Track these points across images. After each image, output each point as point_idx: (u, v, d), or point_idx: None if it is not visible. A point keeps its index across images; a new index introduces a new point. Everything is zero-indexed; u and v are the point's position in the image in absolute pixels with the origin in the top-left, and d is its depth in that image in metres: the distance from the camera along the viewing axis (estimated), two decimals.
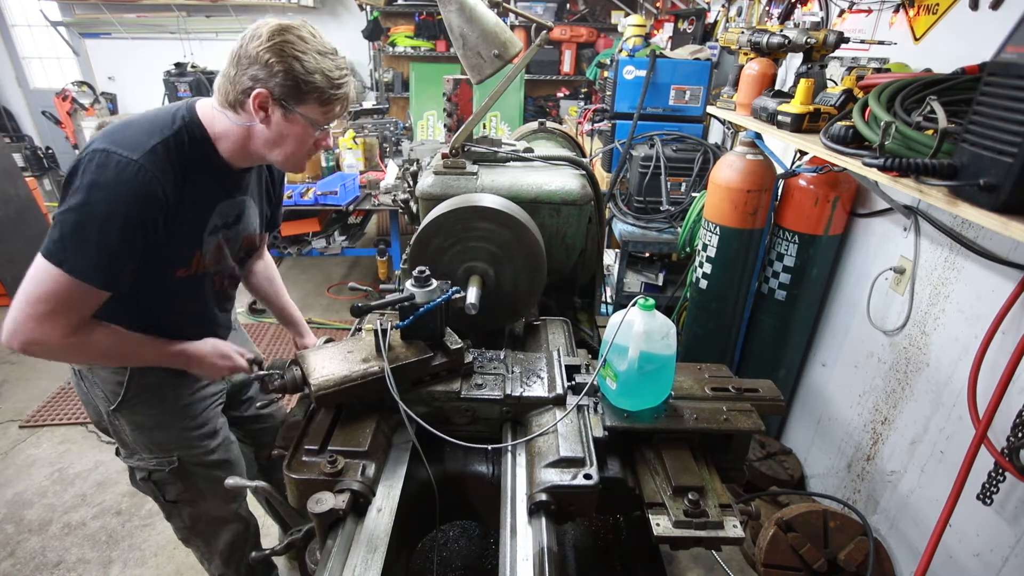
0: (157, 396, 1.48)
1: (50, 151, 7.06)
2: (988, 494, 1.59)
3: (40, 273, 1.14)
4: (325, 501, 0.91)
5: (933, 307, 1.93)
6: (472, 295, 1.29)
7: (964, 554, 1.76)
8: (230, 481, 1.09)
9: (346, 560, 0.89)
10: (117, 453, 1.62)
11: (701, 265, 2.62)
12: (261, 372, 1.27)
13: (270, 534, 2.33)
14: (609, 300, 3.42)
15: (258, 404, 1.82)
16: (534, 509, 0.95)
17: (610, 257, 3.61)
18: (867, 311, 2.23)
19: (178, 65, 5.16)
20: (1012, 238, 1.14)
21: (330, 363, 1.14)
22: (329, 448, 1.03)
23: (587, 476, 0.98)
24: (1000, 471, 1.55)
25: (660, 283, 3.44)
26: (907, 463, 2.03)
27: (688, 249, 2.88)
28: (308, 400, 1.13)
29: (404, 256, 1.44)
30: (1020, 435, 1.49)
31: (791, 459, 2.68)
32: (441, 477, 1.10)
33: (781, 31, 2.11)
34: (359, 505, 0.96)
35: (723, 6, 3.76)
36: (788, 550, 1.97)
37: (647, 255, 3.62)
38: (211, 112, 1.27)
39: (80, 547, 2.48)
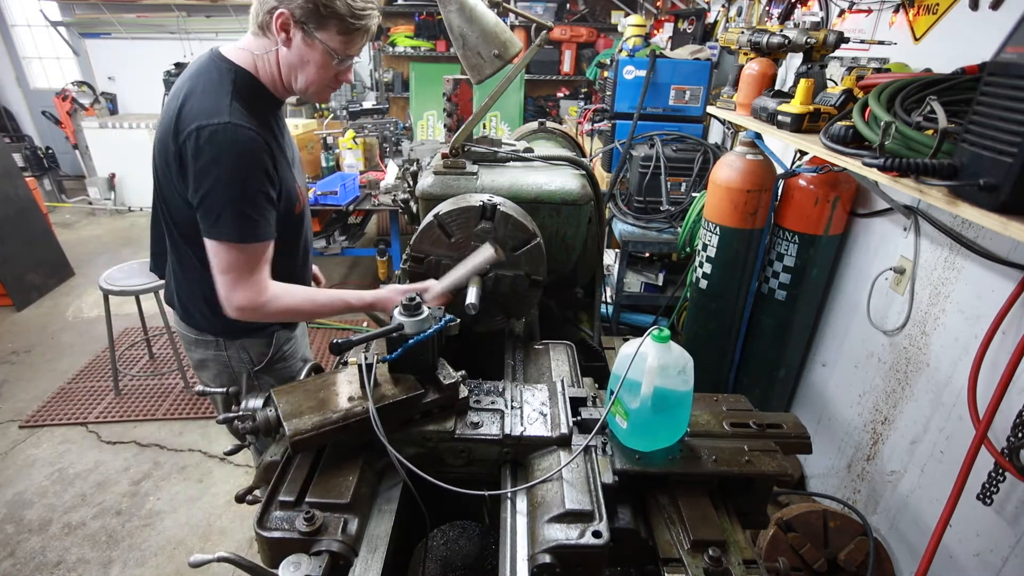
0: (289, 360, 1.69)
1: (50, 151, 7.08)
2: (988, 494, 1.59)
3: (218, 252, 1.31)
4: (300, 566, 0.83)
5: (933, 307, 1.93)
6: (472, 295, 1.28)
7: (964, 554, 1.76)
8: (194, 558, 0.99)
9: None
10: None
11: (701, 265, 2.62)
12: (230, 414, 1.13)
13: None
14: (609, 300, 3.42)
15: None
16: (536, 572, 0.86)
17: (610, 257, 3.61)
18: (867, 311, 2.23)
19: (178, 65, 5.17)
20: (1012, 238, 1.14)
21: (308, 402, 1.04)
22: (307, 500, 0.94)
23: (596, 534, 0.88)
24: (1000, 471, 1.55)
25: (660, 283, 3.44)
26: (907, 463, 2.03)
27: (688, 249, 2.88)
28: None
29: (404, 256, 1.43)
30: (1020, 435, 1.49)
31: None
32: (436, 487, 1.02)
33: (781, 31, 2.11)
34: (339, 568, 0.87)
35: (723, 6, 3.76)
36: (788, 550, 1.97)
37: (647, 255, 3.62)
38: (247, 56, 1.36)
39: (80, 547, 2.48)
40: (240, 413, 1.11)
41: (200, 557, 0.99)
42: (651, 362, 1.00)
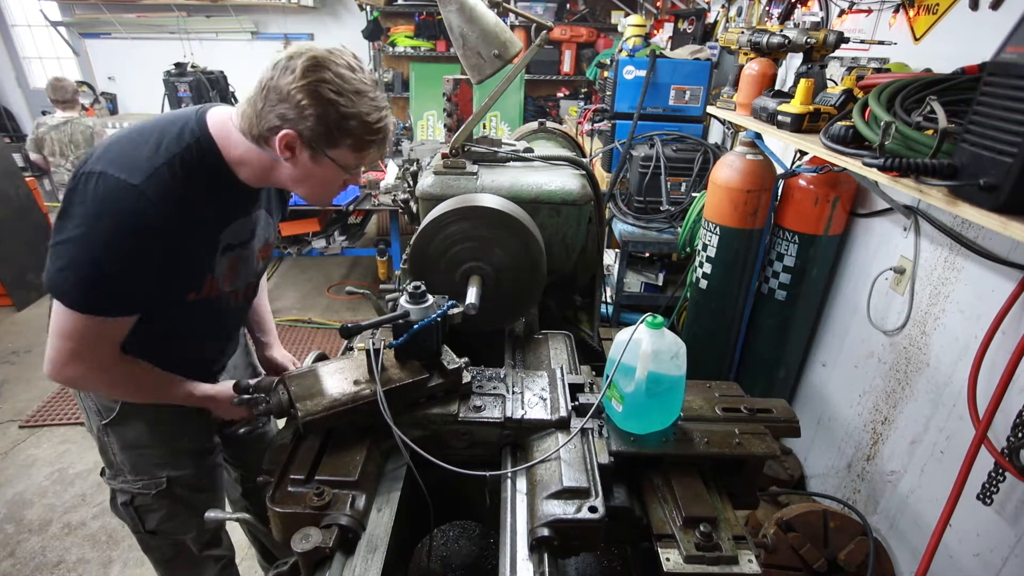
0: (154, 414, 1.38)
1: None
2: (988, 494, 1.59)
3: (59, 311, 1.10)
4: (311, 537, 0.86)
5: (933, 307, 1.93)
6: (472, 295, 1.29)
7: (964, 554, 1.76)
8: (210, 514, 1.02)
9: None
10: (102, 474, 1.49)
11: (701, 265, 2.62)
12: (245, 396, 1.16)
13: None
14: (609, 300, 3.42)
15: (240, 431, 1.61)
16: (535, 545, 0.90)
17: (610, 257, 3.61)
18: (867, 311, 2.23)
19: (178, 65, 5.14)
20: (1012, 238, 1.14)
21: (319, 385, 1.08)
22: (317, 478, 0.97)
23: (592, 509, 0.92)
24: (1000, 471, 1.55)
25: (660, 283, 3.44)
26: (907, 463, 2.03)
27: (688, 249, 2.88)
28: (296, 423, 1.06)
29: (404, 256, 1.43)
30: (1020, 435, 1.49)
31: (791, 459, 2.68)
32: (438, 480, 1.05)
33: (781, 31, 2.11)
34: (347, 541, 0.91)
35: (723, 6, 3.76)
36: (788, 550, 1.96)
37: (647, 255, 3.62)
38: (228, 130, 1.15)
39: (80, 547, 2.48)
40: (254, 396, 1.15)
41: (217, 514, 1.03)
42: (645, 347, 1.03)
